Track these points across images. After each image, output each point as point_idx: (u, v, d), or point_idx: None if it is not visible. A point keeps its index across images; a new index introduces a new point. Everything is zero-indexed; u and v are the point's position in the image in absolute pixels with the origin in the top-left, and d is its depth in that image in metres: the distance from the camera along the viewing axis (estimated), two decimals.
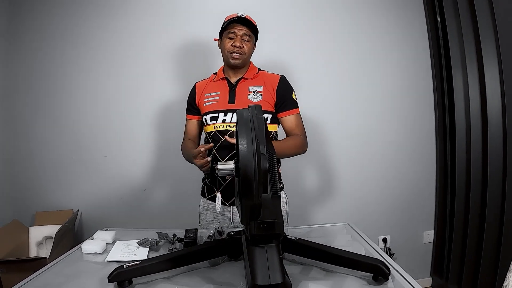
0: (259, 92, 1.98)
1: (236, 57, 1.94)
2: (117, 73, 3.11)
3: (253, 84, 2.01)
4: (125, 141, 3.12)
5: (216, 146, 1.95)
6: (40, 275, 1.43)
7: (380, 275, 1.24)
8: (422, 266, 3.30)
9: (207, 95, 2.04)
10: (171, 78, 3.10)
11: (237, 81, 2.02)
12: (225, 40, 1.96)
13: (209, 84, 2.08)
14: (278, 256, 1.09)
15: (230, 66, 2.01)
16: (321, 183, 3.18)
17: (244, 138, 0.97)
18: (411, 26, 3.18)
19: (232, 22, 1.91)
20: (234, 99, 1.98)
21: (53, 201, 3.12)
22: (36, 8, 3.10)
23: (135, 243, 1.67)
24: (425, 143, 3.23)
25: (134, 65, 3.10)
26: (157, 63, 3.10)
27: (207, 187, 2.10)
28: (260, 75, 2.05)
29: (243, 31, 1.93)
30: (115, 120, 3.11)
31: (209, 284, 1.27)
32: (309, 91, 2.94)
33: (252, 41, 2.00)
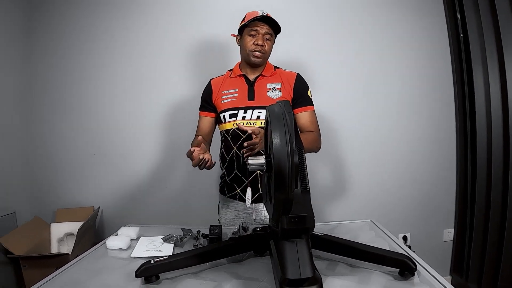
0: (278, 89, 1.98)
1: (258, 56, 1.94)
2: (135, 72, 3.14)
3: (271, 81, 2.01)
4: (145, 139, 3.15)
5: (237, 144, 1.95)
6: (65, 271, 1.44)
7: (406, 270, 1.23)
8: (442, 264, 3.27)
9: (225, 92, 2.03)
10: (188, 76, 3.11)
11: (255, 78, 2.02)
12: (247, 38, 1.96)
13: (226, 81, 2.07)
14: (308, 250, 1.08)
15: (249, 63, 2.01)
16: (340, 181, 3.17)
17: (277, 132, 0.97)
18: (431, 23, 3.15)
19: (255, 20, 1.91)
20: (253, 96, 1.98)
21: (74, 198, 3.17)
22: (54, 8, 3.15)
23: (159, 239, 1.68)
24: (445, 141, 3.20)
25: (151, 64, 3.13)
26: (174, 62, 3.12)
27: (227, 185, 2.09)
28: (277, 72, 2.06)
29: (265, 30, 1.93)
30: (135, 118, 3.14)
31: (236, 279, 1.27)
32: (326, 90, 2.95)
33: (273, 40, 2.00)
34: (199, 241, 1.64)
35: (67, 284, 1.32)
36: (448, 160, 3.22)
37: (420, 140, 3.18)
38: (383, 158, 3.17)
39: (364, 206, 3.17)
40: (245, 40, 1.97)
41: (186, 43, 3.11)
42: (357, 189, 3.18)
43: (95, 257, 1.58)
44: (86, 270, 1.42)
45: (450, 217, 3.26)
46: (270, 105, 1.12)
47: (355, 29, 3.12)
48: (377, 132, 3.15)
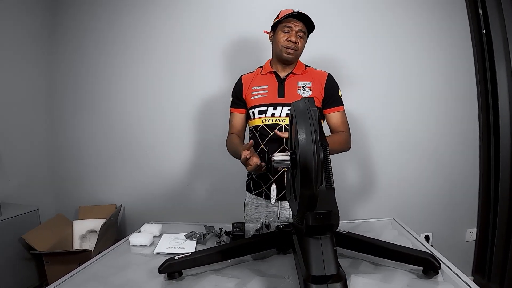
0: (308, 88, 1.97)
1: (291, 52, 1.93)
2: (158, 71, 3.17)
3: (302, 80, 1.99)
4: (167, 137, 3.17)
5: (265, 141, 1.95)
6: (88, 266, 1.46)
7: (430, 268, 1.23)
8: (464, 264, 3.22)
9: (255, 88, 2.02)
10: (212, 75, 3.12)
11: (286, 76, 2.00)
12: (280, 34, 1.94)
13: (257, 77, 2.07)
14: (333, 247, 1.08)
15: (281, 60, 2.00)
16: (362, 179, 3.15)
17: (303, 129, 0.97)
18: (452, 20, 3.10)
19: (289, 16, 1.90)
20: (283, 93, 1.97)
21: (96, 196, 3.21)
22: (78, 6, 3.19)
23: (182, 236, 1.69)
24: (468, 139, 3.14)
25: (173, 63, 3.14)
26: (199, 60, 3.14)
27: (253, 182, 2.09)
28: (308, 71, 2.04)
29: (299, 27, 1.91)
30: (157, 116, 3.17)
31: (259, 276, 1.28)
32: (351, 88, 2.92)
33: (305, 38, 1.99)
34: (222, 238, 1.65)
35: (90, 279, 1.34)
36: (470, 159, 3.16)
37: (442, 138, 3.13)
38: (405, 157, 3.14)
39: (386, 204, 3.15)
40: (278, 36, 1.95)
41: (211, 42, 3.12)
42: (379, 188, 3.16)
43: (118, 254, 1.60)
44: (109, 266, 1.44)
45: (473, 216, 3.21)
46: (294, 101, 1.12)
47: (377, 27, 3.09)
48: (399, 130, 3.11)
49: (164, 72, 3.15)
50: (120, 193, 3.21)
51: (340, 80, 2.05)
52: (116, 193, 3.21)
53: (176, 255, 1.30)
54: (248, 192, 2.15)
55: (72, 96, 3.22)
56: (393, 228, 1.83)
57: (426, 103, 3.11)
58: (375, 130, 3.08)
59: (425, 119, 3.11)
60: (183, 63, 3.14)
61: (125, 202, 3.20)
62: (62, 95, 3.24)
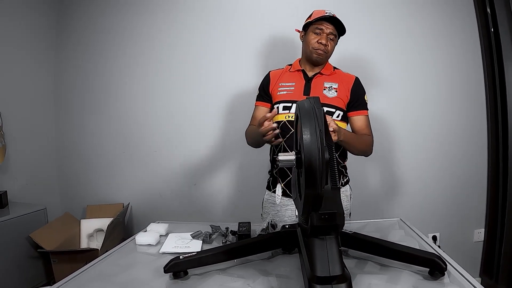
0: (334, 89, 1.98)
1: (320, 54, 1.95)
2: (166, 72, 3.18)
3: (329, 80, 2.01)
4: (174, 136, 3.18)
5: (285, 137, 1.94)
6: (94, 265, 1.46)
7: (436, 269, 1.22)
8: (471, 265, 3.20)
9: (282, 84, 2.04)
10: (221, 76, 3.13)
11: (314, 75, 2.02)
12: (311, 35, 1.96)
13: (285, 74, 2.09)
14: (338, 248, 1.07)
15: (310, 61, 2.02)
16: (369, 180, 3.14)
17: (307, 128, 0.96)
18: (460, 18, 3.08)
19: (322, 19, 1.91)
20: (309, 91, 1.99)
21: (104, 195, 3.23)
22: (85, 7, 3.22)
23: (188, 235, 1.69)
24: (476, 139, 3.12)
25: (180, 64, 3.15)
26: (206, 62, 3.14)
27: (272, 180, 2.11)
28: (336, 73, 2.06)
29: (330, 30, 1.93)
30: (165, 116, 3.19)
31: (265, 276, 1.27)
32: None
33: (336, 41, 2.01)
34: (228, 238, 1.65)
35: (96, 278, 1.34)
36: (479, 159, 3.14)
37: (450, 138, 3.11)
38: (412, 157, 3.13)
39: (393, 204, 3.14)
40: (309, 37, 1.97)
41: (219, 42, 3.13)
42: (386, 188, 3.15)
43: (124, 253, 1.60)
44: (115, 265, 1.44)
45: (481, 217, 3.19)
46: (300, 101, 1.12)
47: (386, 26, 3.08)
48: (405, 131, 3.10)
49: (172, 73, 3.16)
50: (128, 193, 3.23)
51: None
52: (124, 193, 3.22)
53: (182, 255, 1.30)
54: (267, 190, 2.17)
55: (80, 96, 3.24)
56: (400, 228, 1.82)
57: (433, 103, 3.09)
58: (382, 131, 3.06)
59: (432, 119, 3.10)
60: (191, 64, 3.14)
61: (132, 201, 3.21)
62: (70, 95, 3.26)
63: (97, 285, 1.29)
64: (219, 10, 3.11)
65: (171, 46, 3.15)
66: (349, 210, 2.14)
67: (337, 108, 1.96)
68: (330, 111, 1.95)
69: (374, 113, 2.89)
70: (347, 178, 2.14)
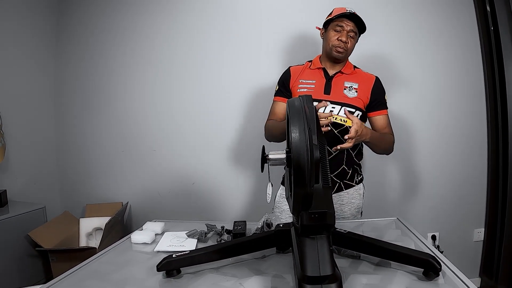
0: (355, 89, 1.99)
1: (340, 51, 1.95)
2: (165, 71, 3.17)
3: (349, 80, 2.01)
4: (174, 135, 3.18)
5: None
6: (90, 263, 1.48)
7: (431, 270, 1.20)
8: (471, 265, 3.20)
9: (302, 81, 2.04)
10: (219, 75, 3.13)
11: (334, 74, 2.02)
12: (331, 32, 1.96)
13: (305, 71, 2.09)
14: (329, 247, 1.07)
15: (330, 58, 2.02)
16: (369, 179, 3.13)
17: (296, 127, 0.96)
18: (460, 17, 3.06)
19: (342, 16, 1.91)
20: (329, 90, 1.99)
21: (103, 194, 3.24)
22: (85, 6, 3.21)
23: (183, 234, 1.70)
24: (476, 138, 3.11)
25: (180, 63, 3.15)
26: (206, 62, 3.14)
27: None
28: (357, 72, 2.06)
29: (350, 27, 1.93)
30: (164, 115, 3.19)
31: (257, 275, 1.27)
32: None
33: (356, 38, 2.00)
34: (223, 237, 1.66)
35: (90, 276, 1.35)
36: (478, 158, 3.13)
37: (450, 137, 3.10)
38: (412, 156, 3.12)
39: (392, 204, 3.14)
40: (329, 34, 1.97)
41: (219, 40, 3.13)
42: (385, 187, 3.14)
43: (120, 251, 1.61)
44: (109, 263, 1.45)
45: (481, 216, 3.18)
46: (290, 99, 1.11)
47: (385, 25, 3.07)
48: (405, 129, 3.09)
49: (171, 72, 3.16)
50: (127, 191, 3.23)
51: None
52: (123, 191, 3.23)
53: (175, 253, 1.30)
54: (281, 185, 2.15)
55: (79, 95, 3.25)
56: (397, 228, 1.80)
57: (433, 102, 3.08)
58: None
59: (432, 118, 3.09)
60: (190, 64, 3.15)
61: (131, 200, 3.22)
62: (69, 94, 3.27)
63: (91, 283, 1.29)
64: (219, 10, 3.10)
65: (171, 46, 3.15)
66: (361, 208, 2.15)
67: (356, 108, 1.97)
68: (350, 111, 1.94)
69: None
70: (361, 176, 2.15)
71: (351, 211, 2.09)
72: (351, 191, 2.08)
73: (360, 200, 2.12)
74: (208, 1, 3.11)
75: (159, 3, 3.13)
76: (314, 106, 1.10)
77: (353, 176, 2.07)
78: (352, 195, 2.08)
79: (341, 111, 1.94)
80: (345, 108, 1.90)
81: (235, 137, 3.03)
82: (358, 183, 2.11)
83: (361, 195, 2.12)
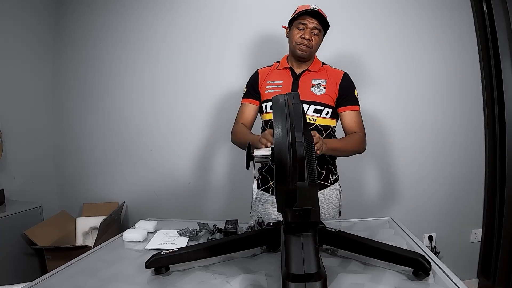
0: (323, 86, 1.96)
1: (304, 50, 1.93)
2: (162, 71, 3.19)
3: (317, 77, 1.99)
4: (170, 135, 3.19)
5: None
6: (81, 260, 1.49)
7: (420, 269, 1.19)
8: (468, 266, 3.19)
9: (270, 83, 2.03)
10: (217, 74, 3.14)
11: (301, 72, 2.01)
12: (295, 31, 1.95)
13: (273, 72, 2.07)
14: (314, 245, 1.06)
15: (295, 57, 2.00)
16: (366, 178, 3.13)
17: (279, 123, 0.95)
18: (457, 17, 3.07)
19: (304, 13, 1.89)
20: (297, 89, 1.97)
21: (100, 193, 3.25)
22: (83, 6, 3.22)
23: (175, 232, 1.70)
24: (473, 138, 3.12)
25: (177, 63, 3.16)
26: (202, 60, 3.15)
27: (262, 178, 2.11)
28: (325, 69, 2.04)
29: (314, 24, 1.91)
30: (161, 115, 3.20)
31: (246, 273, 1.27)
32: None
33: (321, 36, 1.98)
34: (214, 235, 1.66)
35: (81, 272, 1.36)
36: (476, 159, 3.13)
37: (447, 137, 3.10)
38: (409, 156, 3.12)
39: (389, 204, 3.13)
40: (293, 32, 1.96)
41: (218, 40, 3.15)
42: (382, 187, 3.14)
43: (112, 248, 1.62)
44: (100, 260, 1.46)
45: (478, 217, 3.18)
46: (275, 95, 1.11)
47: (381, 23, 3.08)
48: (403, 130, 3.09)
49: (168, 73, 3.18)
50: (124, 191, 3.24)
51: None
52: (120, 191, 3.24)
53: (164, 250, 1.30)
54: (256, 188, 2.14)
55: (76, 95, 3.26)
56: (390, 227, 1.80)
57: (430, 102, 3.09)
58: (377, 129, 3.06)
59: (429, 118, 3.09)
60: (186, 64, 3.16)
61: (128, 200, 3.23)
62: (67, 94, 3.28)
63: (81, 279, 1.30)
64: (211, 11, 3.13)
65: (168, 47, 3.17)
66: (338, 208, 2.11)
67: (325, 106, 1.95)
68: (318, 109, 1.94)
69: (369, 111, 2.91)
70: (336, 175, 2.11)
71: (328, 212, 2.06)
72: (327, 191, 2.05)
73: (337, 200, 2.09)
74: None
75: (157, 5, 3.14)
76: (300, 103, 1.10)
77: (328, 176, 2.05)
78: (328, 195, 2.05)
79: (309, 110, 1.93)
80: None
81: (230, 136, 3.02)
82: (334, 182, 2.08)
83: (337, 194, 2.09)
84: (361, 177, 3.11)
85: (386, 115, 3.07)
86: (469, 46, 3.07)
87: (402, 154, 3.11)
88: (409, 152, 3.11)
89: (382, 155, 3.10)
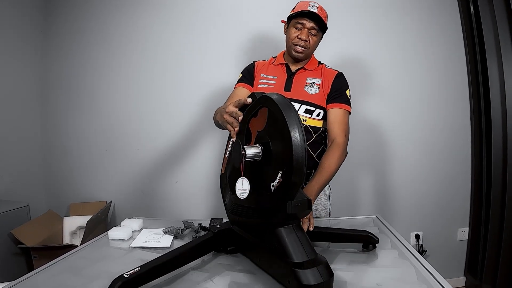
0: (317, 85, 1.92)
1: (299, 51, 1.88)
2: (148, 70, 3.19)
3: (312, 76, 1.95)
4: (157, 134, 3.18)
5: None
6: (65, 258, 1.49)
7: (370, 243, 1.44)
8: (455, 264, 3.22)
9: (264, 76, 1.98)
10: (204, 74, 3.14)
11: (297, 70, 1.96)
12: (292, 30, 1.89)
13: (269, 66, 2.03)
14: (304, 232, 1.14)
15: (291, 55, 1.95)
16: (353, 177, 3.14)
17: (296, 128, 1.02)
18: (444, 17, 3.10)
19: (303, 14, 1.84)
20: (290, 87, 1.92)
21: (88, 192, 3.23)
22: (70, 6, 3.22)
23: (160, 231, 1.70)
24: (460, 138, 3.14)
25: (163, 63, 3.17)
26: (188, 60, 3.16)
27: None
28: (320, 68, 1.99)
29: (312, 25, 1.85)
30: (148, 114, 3.19)
31: (228, 271, 1.28)
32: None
33: (318, 36, 1.92)
34: (199, 234, 1.66)
35: (65, 270, 1.36)
36: (463, 157, 3.16)
37: (434, 136, 3.12)
38: (396, 155, 3.13)
39: (376, 203, 3.15)
40: (290, 31, 1.90)
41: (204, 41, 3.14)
42: (369, 186, 3.16)
43: (97, 247, 1.62)
44: (85, 259, 1.46)
45: (465, 215, 3.20)
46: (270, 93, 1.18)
47: (367, 25, 3.09)
48: (389, 128, 3.11)
49: (154, 71, 3.17)
50: (111, 190, 3.23)
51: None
52: (107, 190, 3.23)
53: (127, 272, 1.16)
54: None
55: (64, 94, 3.24)
56: (375, 225, 1.81)
57: (417, 102, 3.11)
58: (365, 128, 3.08)
59: (416, 118, 3.12)
60: (172, 62, 3.16)
61: (115, 199, 3.22)
62: (54, 94, 3.26)
63: (65, 277, 1.30)
64: (200, 8, 3.12)
65: (153, 45, 3.16)
66: (328, 209, 2.09)
67: (317, 107, 1.89)
68: (309, 110, 1.89)
69: (359, 112, 2.91)
70: None
71: (317, 212, 2.04)
72: None
73: (326, 201, 2.07)
74: None
75: (143, 3, 3.15)
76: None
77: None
78: (318, 196, 2.02)
79: (300, 109, 1.88)
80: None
81: (218, 135, 3.01)
82: None
83: (326, 195, 2.07)
84: (350, 176, 3.11)
85: (374, 117, 3.09)
86: (455, 47, 3.11)
87: (390, 155, 3.13)
88: (397, 153, 3.13)
89: (370, 156, 3.11)
